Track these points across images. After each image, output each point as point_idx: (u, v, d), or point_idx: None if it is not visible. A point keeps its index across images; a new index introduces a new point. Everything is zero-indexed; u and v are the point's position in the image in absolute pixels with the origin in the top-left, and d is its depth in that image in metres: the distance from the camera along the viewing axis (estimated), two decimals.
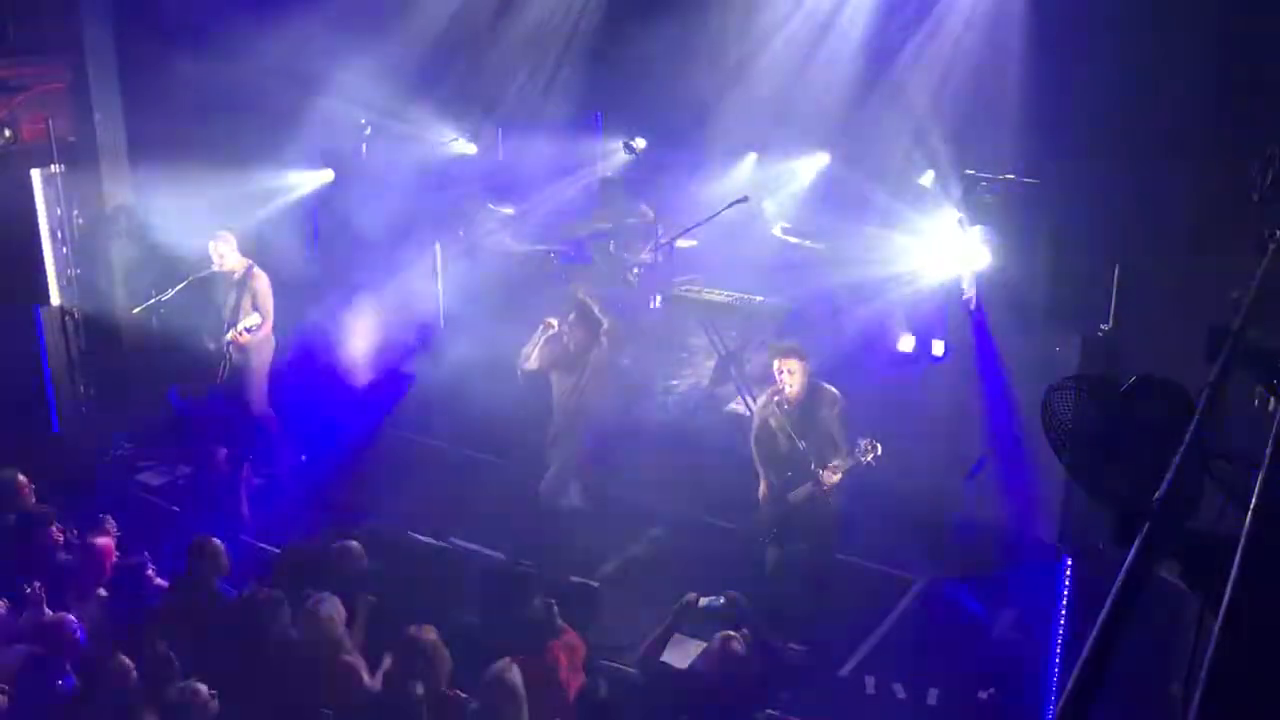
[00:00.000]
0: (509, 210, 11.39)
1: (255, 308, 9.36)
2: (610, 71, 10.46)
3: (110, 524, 7.26)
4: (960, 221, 7.96)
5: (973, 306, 8.25)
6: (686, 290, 9.85)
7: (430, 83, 10.79)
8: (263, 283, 9.37)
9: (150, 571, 6.77)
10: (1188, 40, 6.65)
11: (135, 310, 9.93)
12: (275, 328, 9.70)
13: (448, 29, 10.55)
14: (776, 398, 7.20)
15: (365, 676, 5.87)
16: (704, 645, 6.97)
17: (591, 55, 10.75)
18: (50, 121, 10.12)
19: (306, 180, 11.24)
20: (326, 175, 11.30)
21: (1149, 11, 6.95)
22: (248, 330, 9.13)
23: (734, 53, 10.45)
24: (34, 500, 7.55)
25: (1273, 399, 2.79)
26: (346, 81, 10.54)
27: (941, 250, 8.41)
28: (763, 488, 7.35)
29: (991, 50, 8.73)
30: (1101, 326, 6.23)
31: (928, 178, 9.73)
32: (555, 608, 6.33)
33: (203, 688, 5.36)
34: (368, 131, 11.36)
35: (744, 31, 10.26)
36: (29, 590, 6.35)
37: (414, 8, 10.48)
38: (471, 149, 11.63)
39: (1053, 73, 7.78)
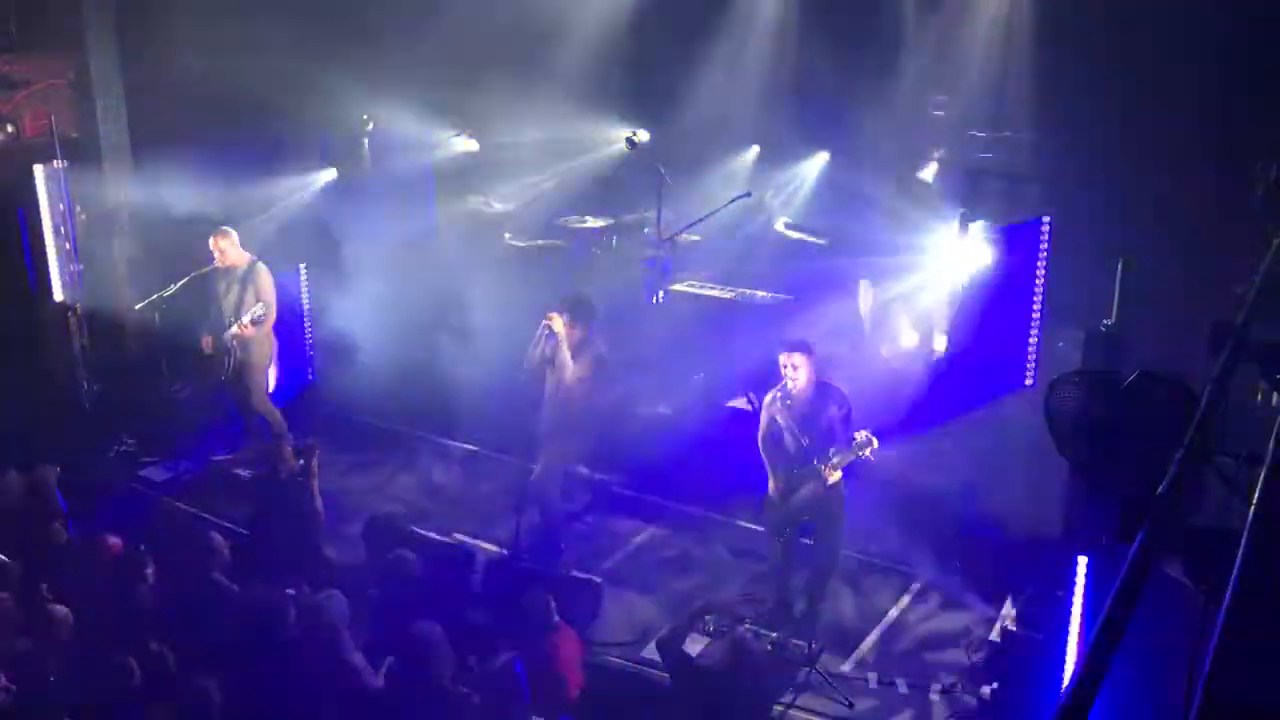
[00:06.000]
0: (509, 206, 11.41)
1: (259, 302, 9.35)
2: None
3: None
4: (962, 216, 7.95)
5: (973, 302, 8.26)
6: (689, 286, 9.86)
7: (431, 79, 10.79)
8: (266, 278, 9.36)
9: (150, 569, 6.77)
10: (1190, 38, 6.65)
11: (138, 306, 9.93)
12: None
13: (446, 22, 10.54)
14: (781, 394, 7.19)
15: (368, 674, 5.87)
16: (710, 641, 7.01)
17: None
18: (53, 117, 10.11)
19: (309, 177, 11.25)
20: (329, 173, 11.31)
21: (1151, 11, 6.96)
22: (254, 322, 9.13)
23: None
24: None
25: (1275, 394, 2.79)
26: (349, 78, 10.54)
27: (943, 247, 8.42)
28: (771, 485, 7.34)
29: (995, 48, 8.75)
30: (1104, 322, 6.22)
31: (929, 172, 9.75)
32: (553, 604, 6.34)
33: (208, 683, 5.37)
34: (370, 127, 11.36)
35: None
36: (40, 589, 6.36)
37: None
38: (474, 145, 11.64)
39: (1056, 71, 7.79)
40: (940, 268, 8.62)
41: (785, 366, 7.11)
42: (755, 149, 11.04)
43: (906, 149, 10.08)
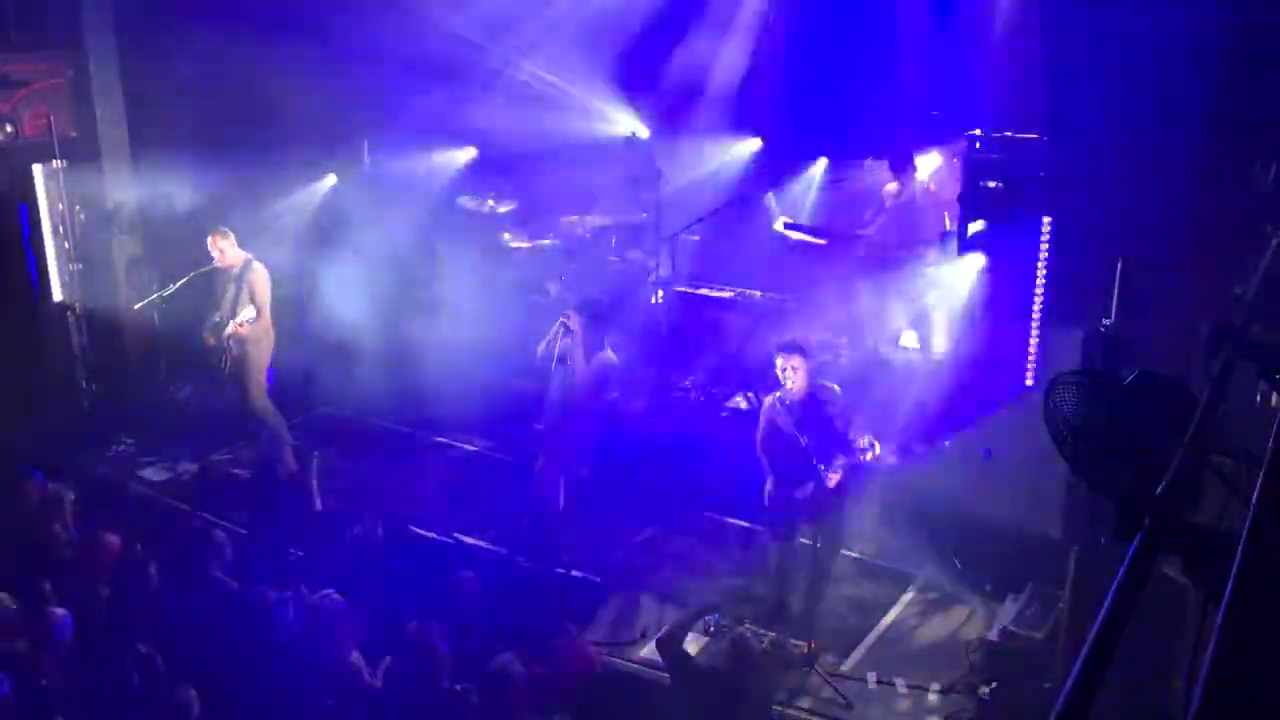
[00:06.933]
0: (508, 206, 11.39)
1: (253, 302, 9.37)
2: None
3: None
4: (960, 235, 7.95)
5: (971, 302, 8.25)
6: (689, 286, 9.86)
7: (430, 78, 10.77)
8: (260, 277, 9.37)
9: (152, 569, 6.77)
10: (1190, 36, 6.64)
11: (137, 306, 9.95)
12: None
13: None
14: (780, 393, 7.20)
15: (367, 674, 5.87)
16: (710, 641, 7.02)
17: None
18: (52, 117, 10.12)
19: (308, 176, 11.24)
20: (329, 176, 11.30)
21: (1150, 7, 6.94)
22: (246, 323, 9.15)
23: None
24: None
25: (1274, 394, 2.79)
26: (349, 77, 10.53)
27: (942, 248, 8.42)
28: (770, 485, 7.35)
29: (996, 48, 8.73)
30: (1104, 321, 6.22)
31: (924, 172, 9.74)
32: (557, 608, 6.36)
33: (189, 690, 5.36)
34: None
35: None
36: (43, 589, 6.37)
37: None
38: (472, 151, 11.62)
39: (1057, 70, 7.78)
40: (939, 268, 8.61)
41: (783, 369, 7.12)
42: (756, 142, 10.99)
43: (905, 148, 10.05)
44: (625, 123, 10.90)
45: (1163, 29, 6.71)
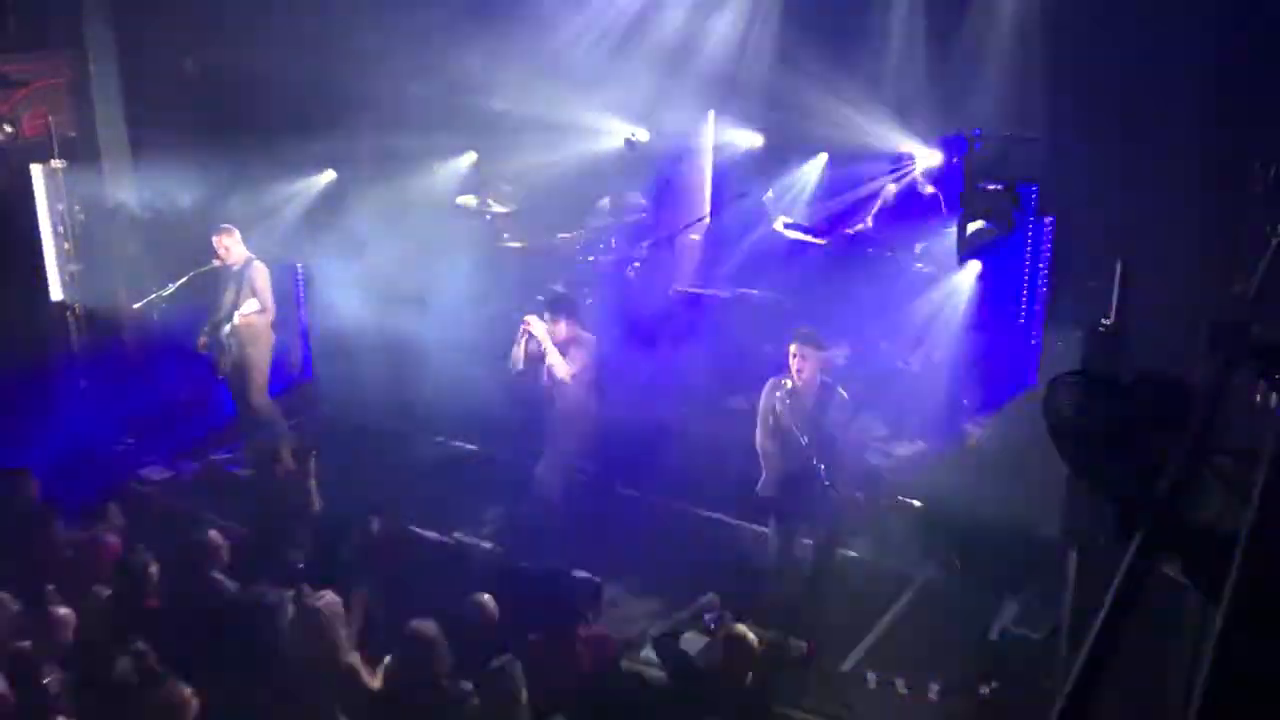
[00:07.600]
0: (508, 208, 11.40)
1: (255, 297, 9.38)
2: None
3: (115, 514, 7.31)
4: (959, 236, 7.96)
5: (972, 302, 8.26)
6: (689, 286, 9.86)
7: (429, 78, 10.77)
8: (261, 274, 9.38)
9: (153, 569, 6.76)
10: (1190, 37, 6.65)
11: (136, 306, 9.94)
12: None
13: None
14: (787, 383, 7.15)
15: (366, 675, 5.86)
16: (708, 639, 7.02)
17: None
18: (52, 117, 10.12)
19: (308, 177, 11.25)
20: (328, 175, 11.30)
21: (1152, 10, 6.96)
22: (254, 314, 9.20)
23: None
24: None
25: (1274, 394, 2.79)
26: (348, 78, 10.53)
27: (943, 248, 8.42)
28: (765, 479, 7.36)
29: (997, 48, 8.75)
30: (1104, 321, 6.22)
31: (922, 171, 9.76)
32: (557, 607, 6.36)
33: (184, 688, 5.35)
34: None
35: None
36: (46, 589, 6.37)
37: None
38: (472, 156, 11.63)
39: (1057, 70, 7.80)
40: (939, 268, 8.62)
41: (794, 356, 7.07)
42: (757, 139, 10.98)
43: (905, 148, 10.07)
44: (624, 125, 10.90)
45: (1163, 29, 6.72)
